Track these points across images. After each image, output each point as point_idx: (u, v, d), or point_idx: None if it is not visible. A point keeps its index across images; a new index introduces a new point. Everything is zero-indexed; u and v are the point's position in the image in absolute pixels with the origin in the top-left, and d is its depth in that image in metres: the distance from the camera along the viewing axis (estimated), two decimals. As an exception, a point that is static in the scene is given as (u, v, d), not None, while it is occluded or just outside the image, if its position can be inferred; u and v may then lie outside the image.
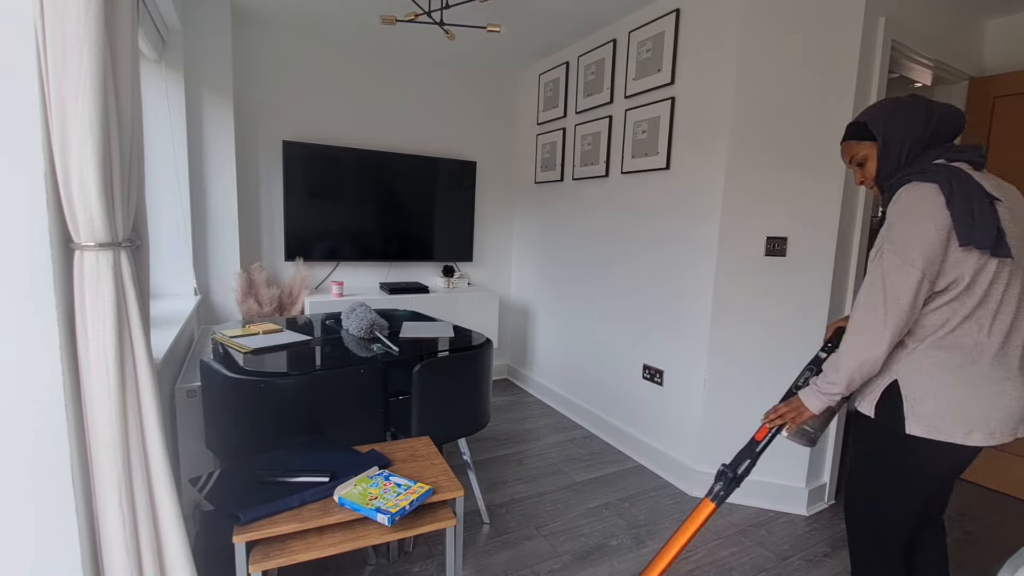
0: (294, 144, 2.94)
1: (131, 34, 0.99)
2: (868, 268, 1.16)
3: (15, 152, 0.88)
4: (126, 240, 0.99)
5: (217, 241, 2.73)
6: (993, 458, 2.47)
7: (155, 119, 2.42)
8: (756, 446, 1.27)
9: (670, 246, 2.44)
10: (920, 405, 1.11)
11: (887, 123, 1.18)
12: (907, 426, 1.13)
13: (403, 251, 3.34)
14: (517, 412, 3.22)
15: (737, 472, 1.26)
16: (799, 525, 2.10)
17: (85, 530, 1.00)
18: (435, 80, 3.38)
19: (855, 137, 1.25)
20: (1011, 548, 2.00)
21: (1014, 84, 2.37)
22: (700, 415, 2.28)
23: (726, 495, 1.27)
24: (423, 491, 1.22)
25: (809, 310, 2.10)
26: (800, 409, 1.24)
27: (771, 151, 2.09)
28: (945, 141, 1.17)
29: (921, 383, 1.12)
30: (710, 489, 1.29)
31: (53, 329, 0.92)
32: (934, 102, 1.17)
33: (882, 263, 1.11)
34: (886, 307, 1.09)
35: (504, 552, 1.86)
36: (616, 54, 2.73)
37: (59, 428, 0.94)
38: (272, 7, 2.65)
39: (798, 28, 2.01)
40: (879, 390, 1.19)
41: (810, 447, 1.30)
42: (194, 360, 2.06)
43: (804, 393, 1.24)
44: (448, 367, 1.83)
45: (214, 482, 1.23)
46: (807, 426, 1.26)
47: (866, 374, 1.15)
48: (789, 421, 1.25)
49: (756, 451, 1.27)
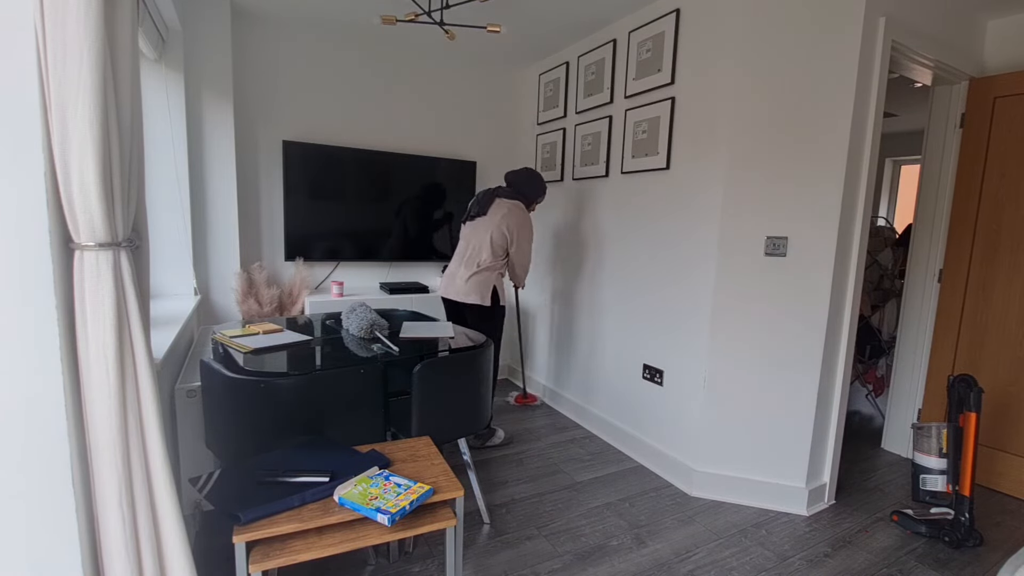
0: (294, 144, 2.94)
1: (131, 34, 0.98)
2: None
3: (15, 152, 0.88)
4: (126, 240, 0.99)
5: (217, 241, 2.73)
6: (993, 458, 2.47)
7: (155, 119, 2.42)
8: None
9: (670, 246, 2.44)
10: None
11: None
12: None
13: (403, 251, 3.34)
14: (517, 412, 3.22)
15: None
16: (799, 525, 2.10)
17: (85, 530, 1.00)
18: (435, 80, 3.38)
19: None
20: (1011, 548, 2.00)
21: (1014, 84, 2.37)
22: (700, 415, 2.28)
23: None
24: (423, 491, 1.22)
25: (809, 310, 2.10)
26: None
27: (771, 151, 2.09)
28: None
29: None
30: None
31: (53, 329, 0.92)
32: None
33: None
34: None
35: (504, 552, 1.86)
36: (616, 54, 2.73)
37: (59, 428, 0.94)
38: (272, 7, 2.65)
39: (798, 28, 2.01)
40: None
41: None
42: (194, 360, 2.06)
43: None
44: (448, 367, 1.83)
45: (214, 482, 1.23)
46: None
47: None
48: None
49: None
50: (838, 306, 2.13)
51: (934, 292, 2.67)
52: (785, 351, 2.15)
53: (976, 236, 2.50)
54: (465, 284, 2.56)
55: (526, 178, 2.65)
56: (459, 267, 2.63)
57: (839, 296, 2.12)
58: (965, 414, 2.01)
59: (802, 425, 2.16)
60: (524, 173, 2.66)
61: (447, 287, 2.66)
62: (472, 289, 2.54)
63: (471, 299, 2.54)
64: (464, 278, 2.57)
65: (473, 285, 2.54)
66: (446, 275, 2.70)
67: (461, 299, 2.57)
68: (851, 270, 2.14)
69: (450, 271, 2.68)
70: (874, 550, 1.95)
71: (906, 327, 2.79)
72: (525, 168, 2.68)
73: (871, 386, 3.40)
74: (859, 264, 2.14)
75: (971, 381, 2.00)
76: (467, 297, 2.55)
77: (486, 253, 2.54)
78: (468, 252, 2.61)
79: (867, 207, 2.11)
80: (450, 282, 2.64)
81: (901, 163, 5.27)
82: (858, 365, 3.35)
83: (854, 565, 1.86)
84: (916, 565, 1.87)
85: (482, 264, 2.54)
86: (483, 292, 2.54)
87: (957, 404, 2.05)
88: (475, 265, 2.56)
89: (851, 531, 2.07)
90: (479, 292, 2.54)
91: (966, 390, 2.01)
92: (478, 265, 2.55)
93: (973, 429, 1.98)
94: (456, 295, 2.59)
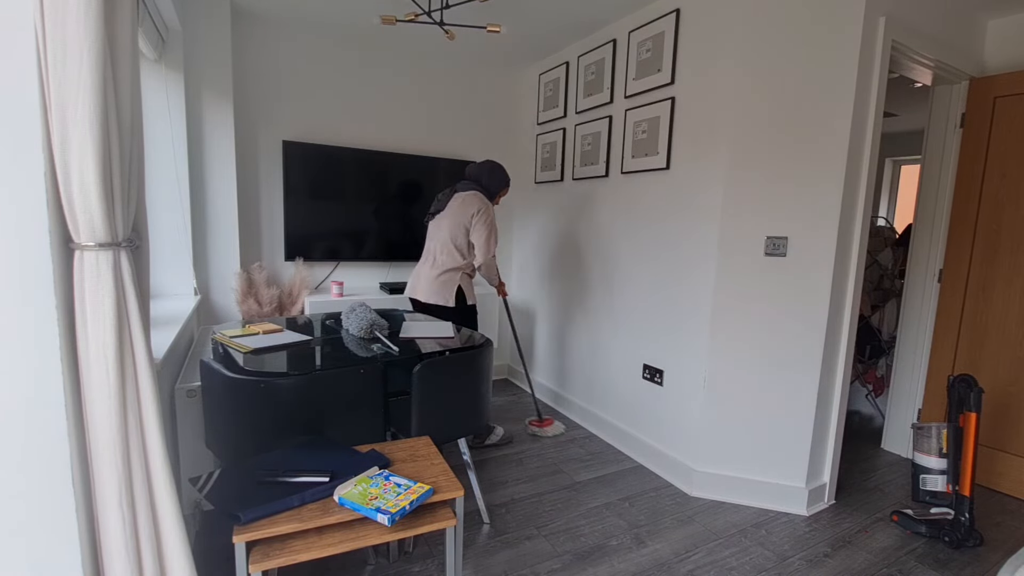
0: (294, 144, 2.94)
1: (131, 34, 0.99)
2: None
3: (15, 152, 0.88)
4: (126, 240, 0.99)
5: (217, 241, 2.73)
6: (993, 458, 2.47)
7: (155, 119, 2.42)
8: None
9: (670, 246, 2.44)
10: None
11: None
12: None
13: (403, 251, 3.34)
14: (517, 412, 3.22)
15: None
16: (799, 525, 2.10)
17: (85, 530, 1.00)
18: (435, 80, 3.38)
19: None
20: (1011, 548, 2.00)
21: (1014, 84, 2.37)
22: (700, 415, 2.28)
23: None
24: (423, 491, 1.22)
25: (809, 310, 2.10)
26: None
27: (771, 151, 2.09)
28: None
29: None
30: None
31: (53, 329, 0.92)
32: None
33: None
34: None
35: (504, 552, 1.86)
36: (616, 54, 2.73)
37: (59, 428, 0.94)
38: (272, 7, 2.65)
39: (798, 27, 2.01)
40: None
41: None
42: (194, 360, 2.06)
43: None
44: (448, 367, 1.83)
45: (214, 482, 1.23)
46: None
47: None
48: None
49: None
50: (838, 306, 2.13)
51: (934, 292, 2.67)
52: (785, 351, 2.15)
53: (976, 236, 2.50)
54: (429, 285, 2.49)
55: (488, 170, 2.58)
56: (423, 266, 2.56)
57: (839, 296, 2.12)
58: (965, 414, 2.01)
59: (802, 425, 2.16)
60: (486, 165, 2.58)
61: (413, 286, 2.59)
62: (436, 290, 2.47)
63: (434, 300, 2.48)
64: (429, 278, 2.50)
65: (437, 285, 2.47)
66: (412, 274, 2.63)
67: (425, 300, 2.51)
68: (851, 270, 2.14)
69: (416, 270, 2.61)
70: (874, 550, 1.95)
71: (906, 327, 2.79)
72: (487, 160, 2.61)
73: (871, 386, 3.40)
74: (859, 264, 2.14)
75: (971, 381, 2.00)
76: (430, 298, 2.49)
77: (447, 250, 2.48)
78: (431, 251, 2.55)
79: (867, 207, 2.11)
80: (416, 282, 2.57)
81: (901, 163, 5.27)
82: (858, 365, 3.35)
83: (854, 565, 1.86)
84: (916, 565, 1.87)
85: (445, 264, 2.48)
86: (447, 294, 2.47)
87: (957, 404, 2.05)
88: (438, 265, 2.49)
89: (851, 531, 2.07)
90: (443, 294, 2.47)
91: (966, 390, 2.01)
92: (441, 265, 2.48)
93: (973, 429, 1.98)
94: (421, 295, 2.53)
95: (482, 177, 2.58)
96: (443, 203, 2.56)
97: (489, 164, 2.59)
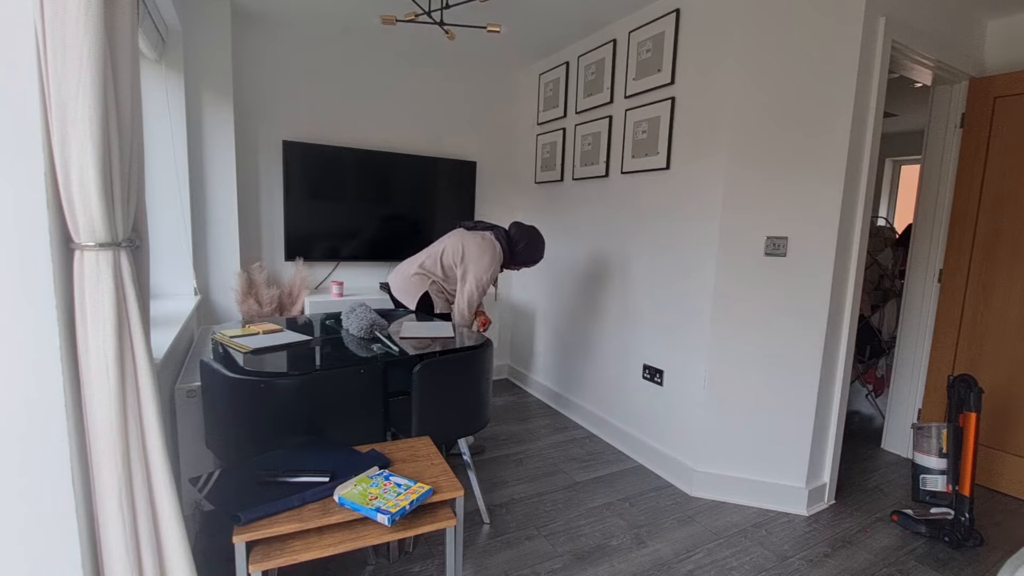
0: (294, 144, 2.94)
1: (131, 34, 0.98)
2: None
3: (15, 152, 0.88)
4: (126, 240, 0.99)
5: (217, 241, 2.73)
6: (993, 458, 2.47)
7: (155, 119, 2.42)
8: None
9: (670, 246, 2.44)
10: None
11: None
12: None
13: (403, 251, 3.34)
14: (517, 412, 3.22)
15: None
16: (799, 525, 2.10)
17: (85, 530, 1.00)
18: (435, 80, 3.38)
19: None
20: (1011, 548, 2.00)
21: (1014, 84, 2.37)
22: (700, 415, 2.28)
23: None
24: (423, 491, 1.22)
25: (809, 309, 2.10)
26: None
27: (771, 151, 2.09)
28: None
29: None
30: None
31: (53, 329, 0.92)
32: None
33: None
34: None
35: (504, 552, 1.86)
36: (616, 54, 2.73)
37: (59, 428, 0.94)
38: (272, 7, 2.65)
39: (798, 28, 2.01)
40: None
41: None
42: (194, 360, 2.06)
43: None
44: (448, 367, 1.83)
45: (214, 482, 1.23)
46: None
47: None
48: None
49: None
50: (838, 306, 2.13)
51: (934, 292, 2.67)
52: (785, 351, 2.15)
53: (976, 236, 2.50)
54: (403, 280, 2.44)
55: (529, 241, 2.45)
56: (408, 260, 2.52)
57: (839, 296, 2.12)
58: (965, 414, 2.01)
59: (802, 425, 2.16)
60: (532, 235, 2.46)
61: (392, 275, 2.53)
62: (403, 287, 2.44)
63: (399, 296, 2.45)
64: (405, 274, 2.45)
65: (407, 283, 2.43)
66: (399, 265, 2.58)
67: (394, 293, 2.47)
68: (851, 270, 2.14)
69: (402, 263, 2.57)
70: (874, 550, 1.95)
71: (906, 327, 2.79)
72: (535, 230, 2.49)
73: (871, 386, 3.40)
74: (859, 264, 2.14)
75: (971, 381, 2.00)
76: (397, 293, 2.46)
77: (434, 260, 2.43)
78: (426, 251, 2.50)
79: (867, 207, 2.11)
80: (395, 272, 2.52)
81: (901, 163, 5.27)
82: (858, 365, 3.35)
83: (854, 565, 1.86)
84: (916, 565, 1.87)
85: (426, 267, 2.44)
86: (412, 295, 2.42)
87: (957, 404, 2.05)
88: (420, 266, 2.44)
89: (851, 531, 2.07)
90: (410, 294, 2.42)
91: (966, 390, 2.01)
92: (421, 267, 2.44)
93: (973, 429, 1.98)
94: (393, 287, 2.49)
95: (519, 242, 2.45)
96: (477, 226, 2.49)
97: (534, 235, 2.48)
